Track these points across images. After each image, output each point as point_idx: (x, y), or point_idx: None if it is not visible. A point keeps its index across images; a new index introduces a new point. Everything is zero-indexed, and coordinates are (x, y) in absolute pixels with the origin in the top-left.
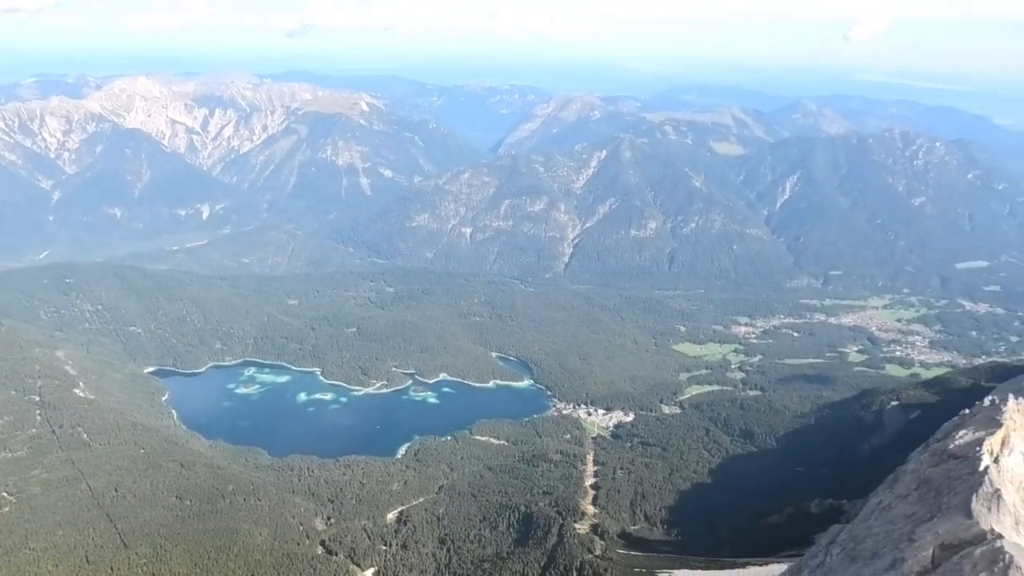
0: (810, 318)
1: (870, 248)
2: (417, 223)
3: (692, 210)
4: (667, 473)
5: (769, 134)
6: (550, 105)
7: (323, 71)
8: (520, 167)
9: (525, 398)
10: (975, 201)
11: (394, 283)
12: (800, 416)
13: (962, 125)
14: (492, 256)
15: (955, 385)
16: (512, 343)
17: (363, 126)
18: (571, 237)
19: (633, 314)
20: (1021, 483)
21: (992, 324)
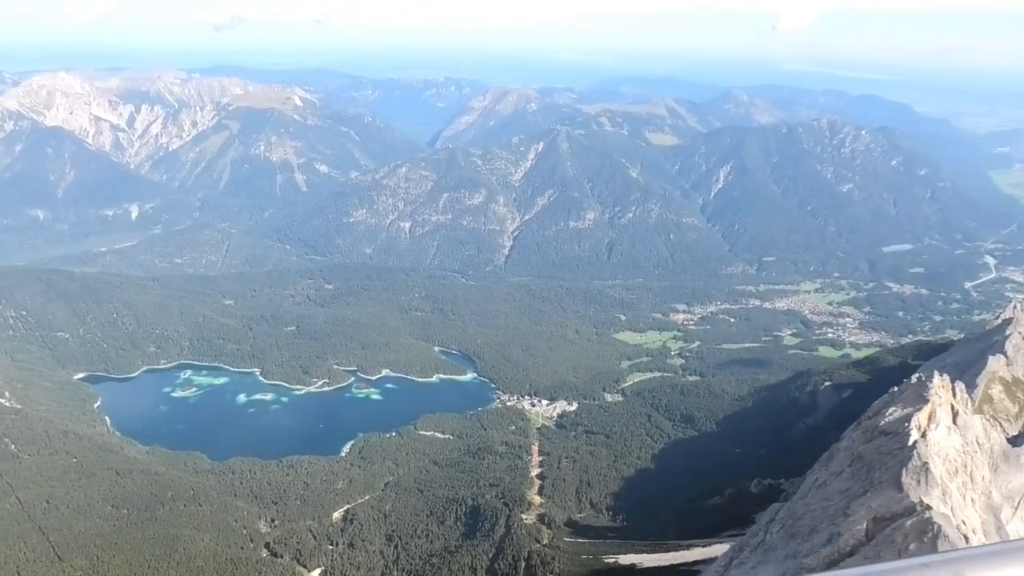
0: (745, 303)
1: (801, 234)
2: (355, 219)
3: (629, 200)
4: (611, 460)
5: (703, 124)
6: (486, 98)
7: (254, 65)
8: (458, 160)
9: (469, 391)
10: (899, 187)
11: (333, 280)
12: (738, 399)
13: (886, 113)
14: (432, 250)
15: (884, 364)
16: (455, 337)
17: (297, 121)
18: (511, 230)
19: (574, 304)
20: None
21: (917, 305)
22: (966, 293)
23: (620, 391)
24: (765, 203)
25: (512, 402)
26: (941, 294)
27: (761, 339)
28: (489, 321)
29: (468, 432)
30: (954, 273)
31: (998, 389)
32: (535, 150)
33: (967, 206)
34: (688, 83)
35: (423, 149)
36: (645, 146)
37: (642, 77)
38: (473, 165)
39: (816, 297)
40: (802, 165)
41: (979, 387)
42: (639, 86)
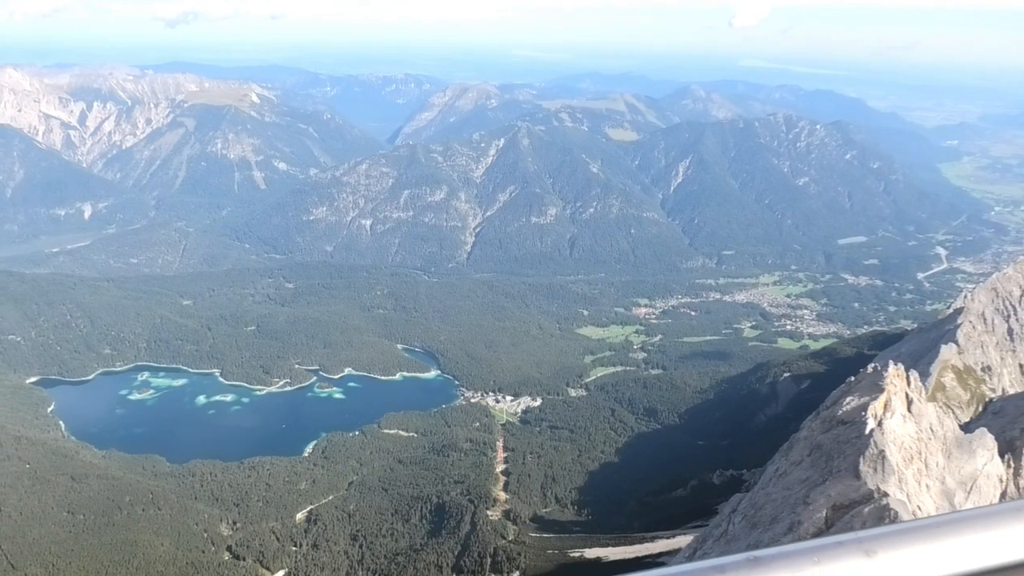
0: (706, 297)
1: (759, 227)
2: (315, 216)
3: (590, 196)
4: (576, 455)
5: (661, 120)
6: (447, 94)
7: (209, 61)
8: (419, 157)
9: (433, 389)
10: (853, 180)
11: (293, 279)
12: (700, 392)
13: (839, 108)
14: (394, 247)
15: (841, 355)
16: (417, 334)
17: (254, 118)
18: (473, 226)
19: (537, 300)
20: (902, 443)
21: (872, 296)
22: (919, 284)
23: (583, 386)
24: (724, 197)
25: (476, 399)
26: (895, 285)
27: (721, 332)
28: (452, 318)
29: (432, 430)
30: (907, 264)
31: (950, 377)
32: (496, 146)
33: (918, 198)
34: (646, 79)
35: (383, 146)
36: (605, 142)
37: (601, 73)
38: (434, 161)
39: (774, 290)
40: (759, 159)
41: (932, 375)
42: (598, 82)
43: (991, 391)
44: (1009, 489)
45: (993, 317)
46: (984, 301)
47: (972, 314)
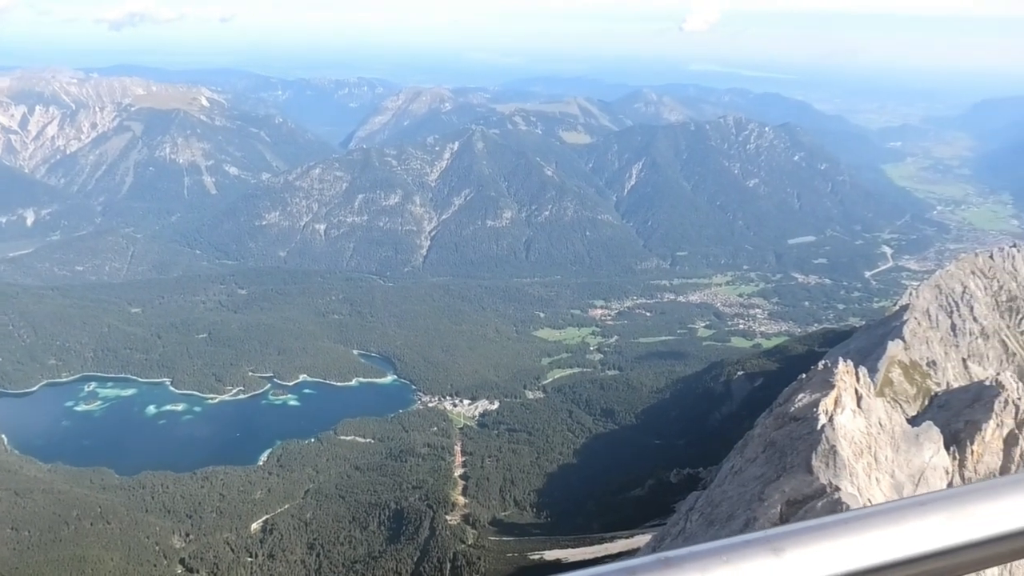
0: (661, 298)
1: (712, 228)
2: (268, 221)
3: (545, 199)
4: (534, 457)
5: (614, 123)
6: (400, 98)
7: (157, 64)
8: (373, 161)
9: (390, 394)
10: (801, 181)
11: (246, 285)
12: (656, 392)
13: (787, 110)
14: (348, 252)
15: (792, 352)
16: (373, 339)
17: (204, 122)
18: (428, 230)
19: (493, 303)
20: (853, 438)
21: (822, 294)
22: (866, 282)
23: (541, 388)
24: (676, 199)
25: (433, 403)
26: (843, 284)
27: (676, 332)
28: (408, 322)
29: (389, 435)
30: (855, 263)
31: (898, 372)
32: (450, 150)
33: (864, 198)
34: (599, 83)
35: (337, 150)
36: (559, 144)
37: (554, 77)
38: (388, 165)
39: (727, 289)
40: (710, 161)
41: (880, 371)
42: (551, 86)
43: (936, 385)
44: (955, 480)
45: (937, 313)
46: (928, 298)
47: (917, 311)
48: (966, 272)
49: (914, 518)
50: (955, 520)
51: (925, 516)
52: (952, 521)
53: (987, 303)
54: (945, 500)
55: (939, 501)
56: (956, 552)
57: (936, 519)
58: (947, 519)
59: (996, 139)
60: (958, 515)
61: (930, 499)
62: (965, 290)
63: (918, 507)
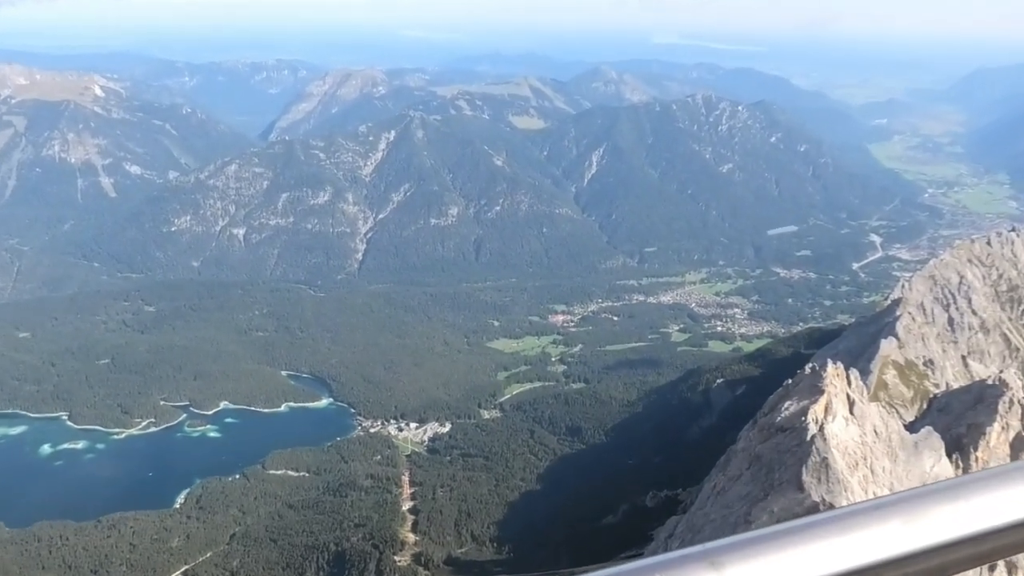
0: (629, 300)
1: (683, 220)
2: (177, 227)
3: (496, 192)
4: (492, 485)
5: (570, 105)
6: (326, 82)
7: (41, 49)
8: (297, 154)
9: (325, 420)
10: (780, 165)
11: (154, 301)
12: (627, 405)
13: (761, 87)
14: (272, 259)
15: (776, 355)
16: (305, 358)
17: (99, 114)
18: (363, 231)
19: (441, 312)
20: (846, 448)
21: (806, 290)
22: (854, 275)
23: (498, 406)
24: (643, 188)
25: (376, 428)
26: (829, 277)
27: (647, 337)
28: (344, 337)
29: (327, 467)
30: (841, 254)
31: (892, 374)
32: (386, 140)
33: (849, 182)
34: (551, 60)
35: (255, 143)
36: (509, 131)
37: (500, 55)
38: (315, 159)
39: (702, 288)
40: (679, 145)
41: (873, 373)
42: (498, 64)
43: (934, 386)
44: None
45: (932, 307)
46: (922, 290)
47: (911, 305)
48: (962, 260)
49: (867, 524)
50: (911, 525)
51: (880, 521)
52: (908, 526)
53: (986, 294)
54: (901, 503)
55: (894, 504)
56: (910, 560)
57: (891, 525)
58: (903, 524)
59: (990, 113)
60: (914, 519)
61: (885, 502)
62: (962, 280)
63: (872, 511)
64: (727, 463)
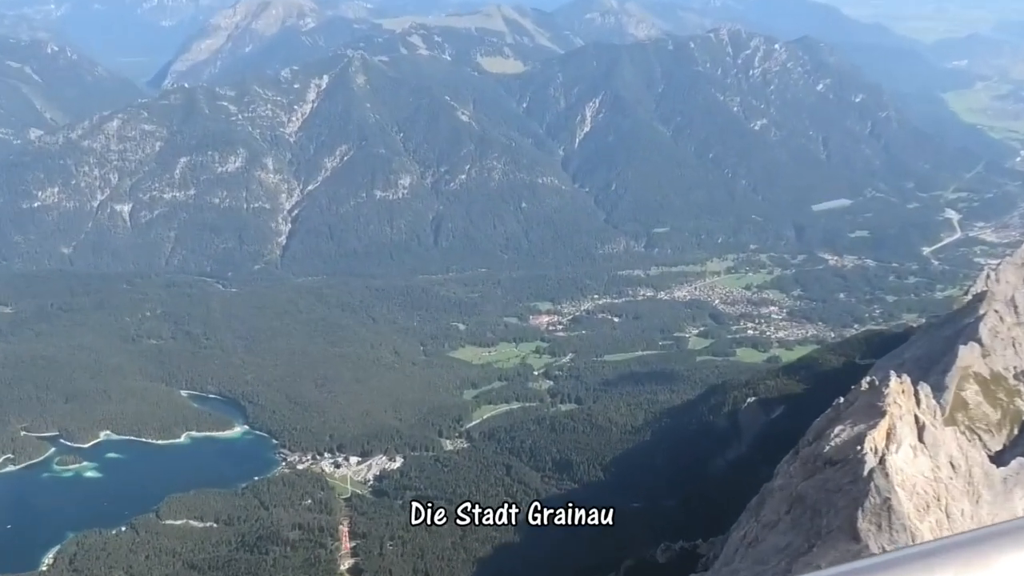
0: (633, 295)
1: (703, 192)
2: (42, 202)
3: (460, 156)
4: (458, 536)
5: (557, 42)
6: (237, 12)
7: None
8: (200, 107)
9: (238, 453)
10: (829, 120)
11: (12, 300)
12: (631, 432)
13: (805, 19)
14: (168, 244)
15: (824, 367)
16: (212, 373)
17: None
18: (287, 207)
19: (390, 312)
20: (915, 487)
21: (863, 281)
22: (925, 262)
23: (464, 434)
24: (651, 151)
25: (305, 464)
26: (893, 265)
27: (658, 344)
28: (263, 345)
29: (241, 515)
30: (907, 236)
31: (974, 390)
32: (317, 88)
33: (918, 143)
34: None
35: (145, 92)
36: (478, 76)
37: None
38: (224, 113)
39: (729, 280)
40: (698, 95)
41: (949, 388)
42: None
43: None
44: None
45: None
46: (1014, 282)
47: (998, 301)
48: None
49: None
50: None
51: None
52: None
53: None
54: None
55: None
56: None
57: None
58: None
59: None
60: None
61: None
62: None
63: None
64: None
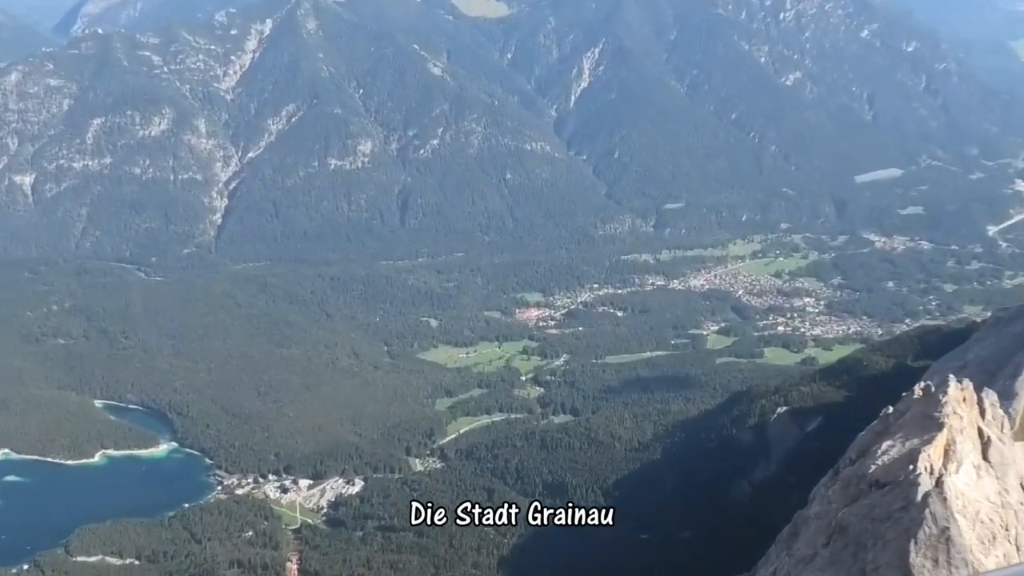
0: (641, 284)
1: (724, 160)
2: None
3: (432, 117)
4: (430, 574)
5: None
6: None
7: None
8: (117, 57)
9: (165, 475)
10: (876, 73)
11: None
12: (638, 449)
13: None
14: (79, 224)
15: (870, 370)
16: (131, 380)
17: None
18: (223, 178)
19: (347, 305)
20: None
21: (916, 267)
22: (990, 244)
23: (437, 451)
24: (661, 111)
25: (246, 488)
26: (952, 247)
27: (670, 343)
28: (194, 346)
29: (168, 549)
30: (970, 212)
31: None
32: (258, 35)
33: (983, 100)
34: None
35: (49, 39)
36: (453, 21)
37: None
38: (146, 65)
39: (755, 266)
40: (718, 43)
41: (1020, 396)
42: None
43: None
44: None
45: None
46: None
47: None
48: None
49: None
50: None
51: None
52: None
53: None
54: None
55: None
56: None
57: None
58: None
59: None
60: None
61: None
62: None
63: None
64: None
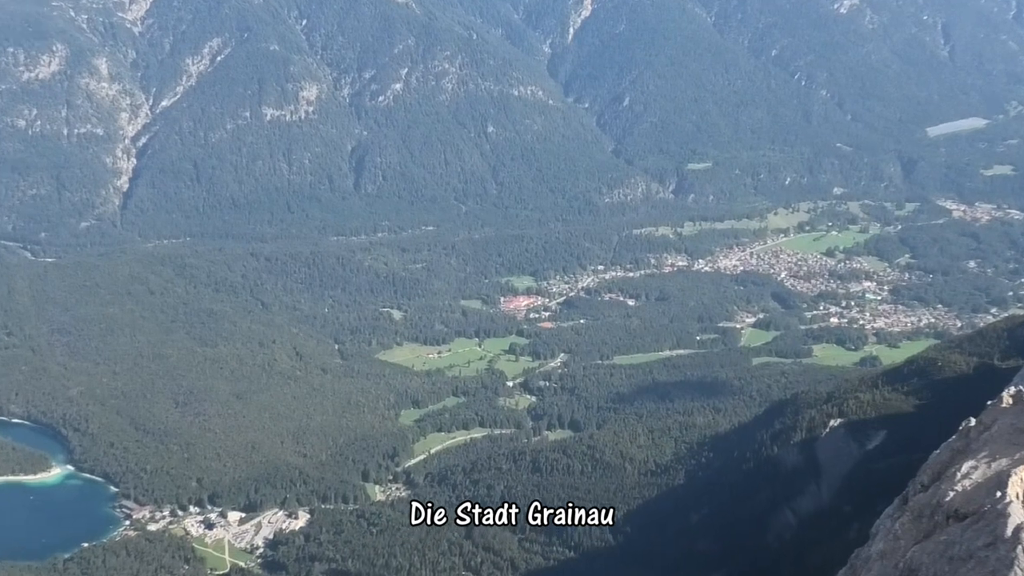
0: (658, 266)
1: (761, 108)
2: None
3: (394, 55)
4: None
5: None
6: None
7: None
8: None
9: (58, 507)
10: (951, 4)
11: None
12: (655, 472)
13: None
14: None
15: (946, 372)
16: (15, 387)
17: None
18: (131, 133)
19: (288, 292)
20: None
21: (1004, 243)
22: None
23: (402, 476)
24: (682, 47)
25: (161, 522)
26: None
27: (695, 339)
28: (95, 344)
29: None
30: None
31: None
32: None
33: None
34: None
35: None
36: None
37: None
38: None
39: (802, 242)
40: None
41: None
42: None
43: None
44: None
45: None
46: None
47: None
48: None
49: None
50: None
51: None
52: None
53: None
54: None
55: None
56: None
57: None
58: None
59: None
60: None
61: None
62: None
63: None
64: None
